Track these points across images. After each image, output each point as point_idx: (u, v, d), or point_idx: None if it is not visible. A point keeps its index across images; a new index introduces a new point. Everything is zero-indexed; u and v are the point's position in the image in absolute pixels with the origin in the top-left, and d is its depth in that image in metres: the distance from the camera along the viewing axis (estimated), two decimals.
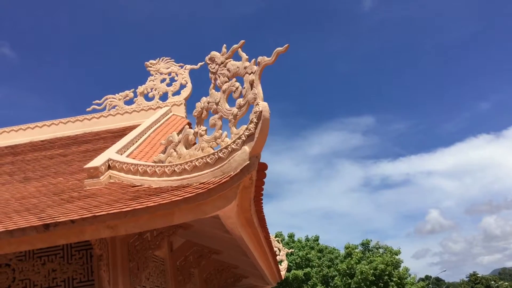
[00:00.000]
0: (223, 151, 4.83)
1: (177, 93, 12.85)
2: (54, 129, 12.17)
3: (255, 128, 4.56)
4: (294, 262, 35.53)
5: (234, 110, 5.10)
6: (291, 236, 39.59)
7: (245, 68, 5.02)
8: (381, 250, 39.32)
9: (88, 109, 12.56)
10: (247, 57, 5.10)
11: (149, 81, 12.96)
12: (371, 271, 34.50)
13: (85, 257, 6.66)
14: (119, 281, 6.47)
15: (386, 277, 34.45)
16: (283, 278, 17.89)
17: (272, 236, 16.82)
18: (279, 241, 19.46)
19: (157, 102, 12.65)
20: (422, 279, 40.33)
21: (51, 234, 4.51)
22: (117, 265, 6.53)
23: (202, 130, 5.56)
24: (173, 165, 5.37)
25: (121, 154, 7.16)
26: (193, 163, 5.10)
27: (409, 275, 37.20)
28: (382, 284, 34.48)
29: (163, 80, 13.00)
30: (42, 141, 11.69)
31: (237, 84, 5.17)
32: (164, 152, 6.40)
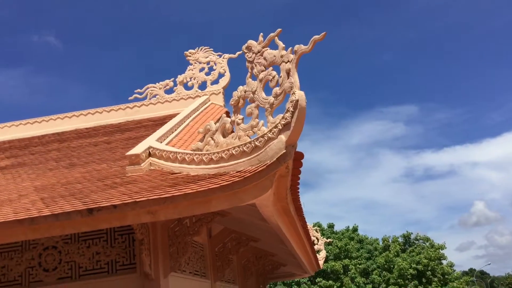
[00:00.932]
0: (259, 140, 4.87)
1: (215, 82, 12.97)
2: (98, 117, 12.57)
3: (292, 117, 4.56)
4: (332, 252, 35.28)
5: (271, 99, 5.11)
6: (330, 226, 39.25)
7: (281, 56, 5.01)
8: (421, 241, 38.35)
9: (130, 98, 12.90)
10: (283, 45, 5.09)
11: (188, 70, 13.14)
12: (413, 266, 33.74)
13: (127, 241, 6.90)
14: (159, 264, 6.67)
15: (428, 273, 33.57)
16: (321, 268, 17.87)
17: (310, 225, 16.79)
18: (317, 230, 19.39)
19: (196, 91, 12.82)
20: (466, 272, 39.16)
21: (95, 219, 4.70)
22: (157, 249, 6.73)
23: (239, 119, 5.61)
24: (211, 153, 5.45)
25: (161, 142, 7.32)
26: (230, 152, 5.16)
27: (453, 270, 36.11)
28: (424, 280, 33.71)
29: (202, 69, 13.15)
30: (86, 128, 12.10)
31: (274, 73, 5.18)
32: (202, 140, 6.50)
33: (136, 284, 6.61)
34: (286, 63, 4.87)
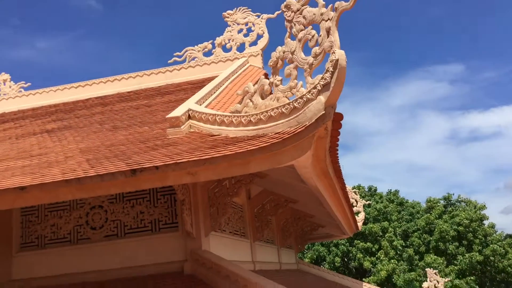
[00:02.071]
0: (298, 101, 4.80)
1: (254, 43, 12.81)
2: (139, 80, 12.76)
3: (331, 78, 4.46)
4: (371, 215, 35.18)
5: (310, 59, 5.00)
6: (371, 189, 38.98)
7: (321, 14, 4.86)
8: (463, 204, 37.53)
9: (169, 61, 12.96)
10: (323, 3, 4.93)
11: (227, 32, 13.02)
12: (453, 227, 33.24)
13: (169, 201, 7.11)
14: (200, 224, 6.86)
15: (469, 235, 33.04)
16: (359, 230, 17.91)
17: (349, 187, 16.74)
18: (356, 192, 19.32)
19: (235, 53, 12.73)
20: (510, 235, 38.02)
21: (138, 179, 4.84)
22: (198, 209, 6.90)
23: (278, 80, 5.54)
24: (249, 115, 5.45)
25: (200, 105, 7.37)
26: (269, 113, 5.13)
27: (495, 231, 35.33)
28: (465, 242, 33.23)
29: (240, 31, 12.99)
30: (128, 92, 12.33)
31: (313, 32, 5.04)
32: (240, 102, 6.49)
33: (178, 242, 6.84)
34: (326, 21, 4.72)
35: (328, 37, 4.67)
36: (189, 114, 6.68)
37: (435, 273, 19.33)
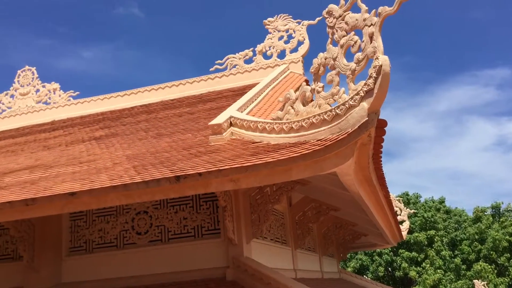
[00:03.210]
0: (340, 108, 4.76)
1: (294, 50, 12.81)
2: (182, 88, 13.02)
3: (374, 84, 4.40)
4: (417, 224, 34.20)
5: (352, 65, 4.95)
6: (417, 196, 37.93)
7: (364, 20, 4.80)
8: None
9: (211, 69, 13.16)
10: (366, 8, 4.87)
11: (267, 39, 13.09)
12: (506, 237, 31.79)
13: (212, 207, 7.19)
14: (242, 231, 6.89)
15: None
16: (404, 239, 17.44)
17: (393, 196, 16.36)
18: (400, 201, 18.84)
19: (275, 60, 12.77)
20: None
21: (182, 185, 4.93)
22: (240, 216, 6.94)
23: (319, 87, 5.52)
24: (291, 122, 5.44)
25: (242, 112, 7.43)
26: (310, 120, 5.11)
27: None
28: None
29: (280, 38, 13.03)
30: (171, 100, 12.60)
31: (356, 37, 4.98)
32: (282, 109, 6.50)
33: (220, 248, 6.90)
34: (369, 26, 4.66)
35: (371, 42, 4.61)
36: (230, 121, 6.74)
37: (484, 285, 18.55)
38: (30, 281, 7.17)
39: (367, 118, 4.45)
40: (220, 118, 6.73)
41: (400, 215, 17.79)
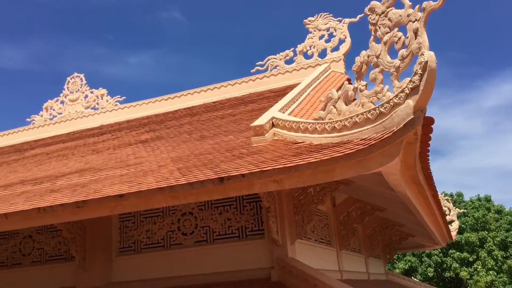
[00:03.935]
0: (384, 106, 4.67)
1: (335, 49, 12.67)
2: (224, 90, 13.16)
3: (420, 80, 4.28)
4: (467, 224, 32.99)
5: (396, 62, 4.84)
6: (459, 195, 36.65)
7: (408, 15, 4.69)
8: None
9: (252, 71, 13.22)
10: (410, 3, 4.76)
11: (308, 38, 13.01)
12: None
13: (255, 208, 7.22)
14: (286, 231, 6.88)
15: None
16: (454, 239, 16.88)
17: (441, 195, 15.87)
18: (449, 200, 18.24)
19: (316, 59, 12.67)
20: None
21: (225, 187, 4.98)
22: (283, 216, 6.93)
23: (362, 85, 5.43)
24: (333, 121, 5.39)
25: (283, 112, 7.42)
26: (353, 119, 5.04)
27: None
28: None
29: (321, 37, 12.92)
30: (214, 102, 12.76)
31: (399, 34, 4.87)
32: (324, 109, 6.44)
33: (265, 249, 6.92)
34: (413, 22, 4.55)
35: (415, 38, 4.49)
36: (272, 122, 6.75)
37: None
38: (82, 280, 7.45)
39: (413, 116, 4.34)
40: (262, 119, 6.75)
41: (449, 215, 17.24)
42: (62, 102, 15.27)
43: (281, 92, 11.01)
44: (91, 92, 15.04)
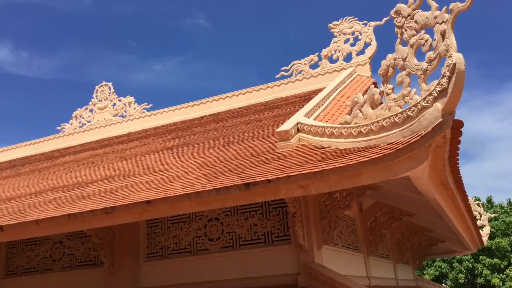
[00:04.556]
0: (412, 109, 4.60)
1: (361, 52, 12.56)
2: (249, 96, 13.20)
3: (448, 83, 4.21)
4: (498, 229, 32.08)
5: (424, 65, 4.77)
6: (489, 200, 35.69)
7: (435, 17, 4.62)
8: None
9: (277, 76, 13.22)
10: (437, 5, 4.68)
11: (333, 43, 12.94)
12: None
13: (281, 214, 7.19)
14: (312, 237, 6.83)
15: None
16: (484, 245, 16.44)
17: (471, 199, 15.49)
18: (480, 205, 17.78)
19: (341, 63, 12.59)
20: None
21: (251, 192, 4.99)
22: (310, 222, 6.89)
23: (389, 89, 5.36)
24: (359, 126, 5.34)
25: (309, 117, 7.40)
26: (380, 123, 4.98)
27: None
28: None
29: (346, 41, 12.83)
30: (239, 108, 12.81)
31: (426, 36, 4.80)
32: (349, 113, 6.39)
33: (291, 255, 6.88)
34: (441, 24, 4.47)
35: (443, 40, 4.42)
36: (298, 127, 6.73)
37: None
38: (111, 285, 7.56)
39: (441, 119, 4.26)
40: (288, 125, 6.74)
41: (479, 219, 16.81)
42: (91, 111, 15.61)
43: (306, 97, 10.98)
44: (119, 100, 15.32)
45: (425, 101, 4.44)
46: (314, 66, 12.93)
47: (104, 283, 7.71)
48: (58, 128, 15.89)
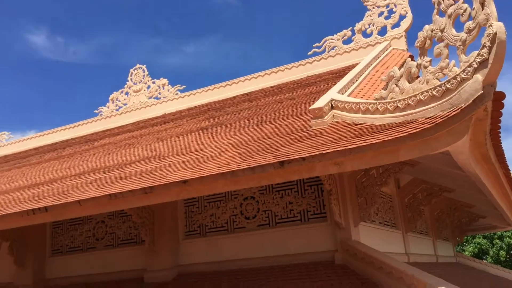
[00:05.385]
0: (451, 82, 4.45)
1: (396, 25, 12.18)
2: (281, 75, 13.09)
3: (489, 53, 4.04)
4: None
5: (462, 35, 4.59)
6: None
7: None
8: None
9: (309, 53, 13.02)
10: None
11: (367, 16, 12.60)
12: None
13: (317, 191, 7.19)
14: (349, 214, 6.81)
15: None
16: None
17: None
18: None
19: (376, 37, 12.26)
20: None
21: (286, 170, 4.99)
22: (346, 199, 6.86)
23: (426, 61, 5.20)
24: (396, 100, 5.21)
25: (343, 94, 7.29)
26: (418, 97, 4.86)
27: None
28: None
29: (381, 14, 12.46)
30: (271, 86, 12.74)
31: (465, 5, 4.60)
32: (385, 88, 6.25)
33: (327, 232, 6.89)
34: None
35: (483, 9, 4.23)
36: (331, 104, 6.64)
37: None
38: (152, 263, 7.80)
39: (482, 91, 4.11)
40: (321, 102, 6.67)
41: None
42: (126, 93, 15.88)
43: (340, 73, 10.80)
44: (153, 83, 15.50)
45: (464, 73, 4.29)
46: (348, 41, 12.65)
47: (145, 261, 7.96)
48: (96, 111, 16.29)
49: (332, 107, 6.64)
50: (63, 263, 9.15)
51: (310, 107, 6.59)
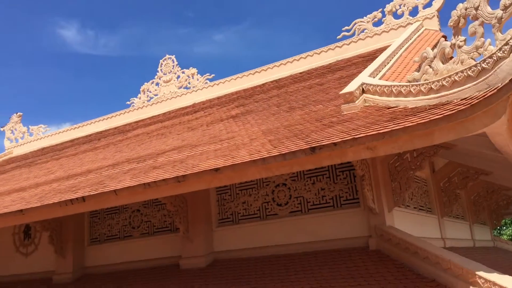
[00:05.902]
0: (487, 61, 4.30)
1: (428, 5, 11.81)
2: (310, 60, 12.94)
3: None
4: None
5: (498, 12, 4.41)
6: None
7: None
8: None
9: (338, 37, 12.80)
10: None
11: None
12: None
13: (349, 177, 7.12)
14: (382, 199, 6.72)
15: None
16: None
17: None
18: None
19: (407, 18, 11.93)
20: None
21: (317, 156, 4.96)
22: (379, 184, 6.77)
23: (461, 41, 5.03)
24: (430, 82, 5.08)
25: (374, 77, 7.15)
26: (452, 78, 4.72)
27: None
28: None
29: None
30: (300, 73, 12.63)
31: None
32: (418, 70, 6.10)
33: (361, 218, 6.83)
34: None
35: None
36: (362, 88, 6.54)
37: None
38: (187, 250, 7.94)
39: None
40: (352, 86, 6.57)
41: None
42: (157, 84, 16.06)
43: (371, 57, 10.59)
44: (183, 72, 15.60)
45: (501, 52, 4.13)
46: (378, 23, 12.35)
47: (180, 248, 8.11)
48: (128, 102, 16.55)
49: (363, 91, 6.53)
50: (101, 251, 9.43)
51: (341, 92, 6.51)
